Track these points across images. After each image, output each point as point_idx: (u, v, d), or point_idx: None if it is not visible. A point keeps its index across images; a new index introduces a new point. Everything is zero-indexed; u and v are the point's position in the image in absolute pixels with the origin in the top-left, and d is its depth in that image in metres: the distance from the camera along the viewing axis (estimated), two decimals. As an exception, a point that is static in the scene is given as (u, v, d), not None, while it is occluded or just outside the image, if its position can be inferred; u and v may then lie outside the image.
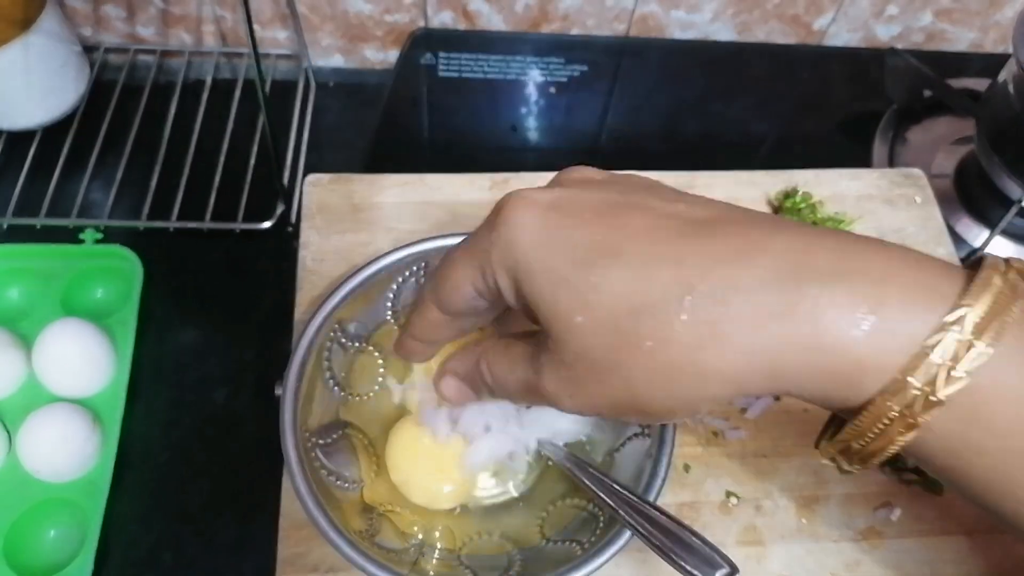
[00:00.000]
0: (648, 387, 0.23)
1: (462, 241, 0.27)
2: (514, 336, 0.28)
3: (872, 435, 0.22)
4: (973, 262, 0.23)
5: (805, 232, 0.23)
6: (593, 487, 0.34)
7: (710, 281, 0.22)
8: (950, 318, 0.21)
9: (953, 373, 0.21)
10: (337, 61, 0.62)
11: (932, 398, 0.21)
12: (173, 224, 0.51)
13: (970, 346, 0.20)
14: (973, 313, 0.21)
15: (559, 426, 0.39)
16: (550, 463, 0.39)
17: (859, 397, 0.22)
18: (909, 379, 0.21)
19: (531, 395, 0.27)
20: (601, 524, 0.35)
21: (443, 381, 0.32)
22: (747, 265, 0.22)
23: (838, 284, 0.21)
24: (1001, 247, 0.53)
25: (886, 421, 0.21)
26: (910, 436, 0.22)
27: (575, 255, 0.23)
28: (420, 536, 0.36)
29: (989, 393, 0.21)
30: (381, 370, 0.41)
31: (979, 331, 0.21)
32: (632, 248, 0.23)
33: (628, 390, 0.23)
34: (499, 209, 0.25)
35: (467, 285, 0.27)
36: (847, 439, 0.23)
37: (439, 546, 0.36)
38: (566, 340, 0.24)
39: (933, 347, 0.21)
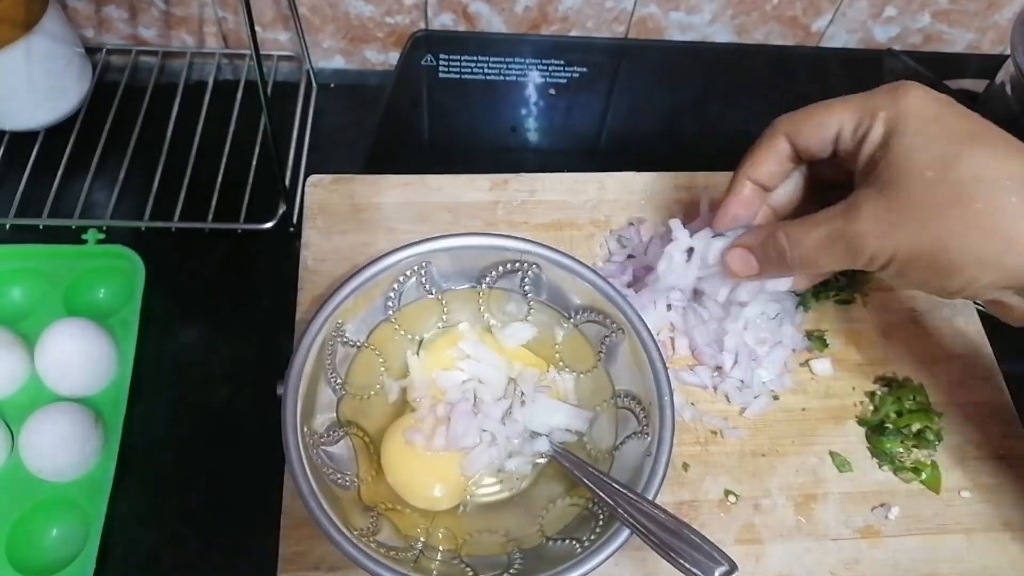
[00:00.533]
0: (959, 237, 0.30)
1: (840, 99, 0.34)
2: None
3: None
4: None
5: None
6: (592, 486, 0.35)
7: None
8: None
9: None
10: (338, 62, 0.63)
11: None
12: (175, 224, 0.51)
13: None
14: None
15: (554, 423, 0.39)
16: (546, 460, 0.39)
17: None
18: None
19: (835, 243, 0.33)
20: (600, 522, 0.35)
21: (731, 253, 0.37)
22: None
23: None
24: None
25: None
26: None
27: (951, 131, 0.31)
28: (422, 539, 0.36)
29: None
30: (382, 369, 0.41)
31: None
32: (998, 141, 0.31)
33: (941, 238, 0.30)
34: (893, 86, 0.33)
35: (834, 126, 0.34)
36: None
37: (440, 547, 0.37)
38: (910, 186, 0.31)
39: None
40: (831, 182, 0.37)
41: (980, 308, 0.46)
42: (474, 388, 0.39)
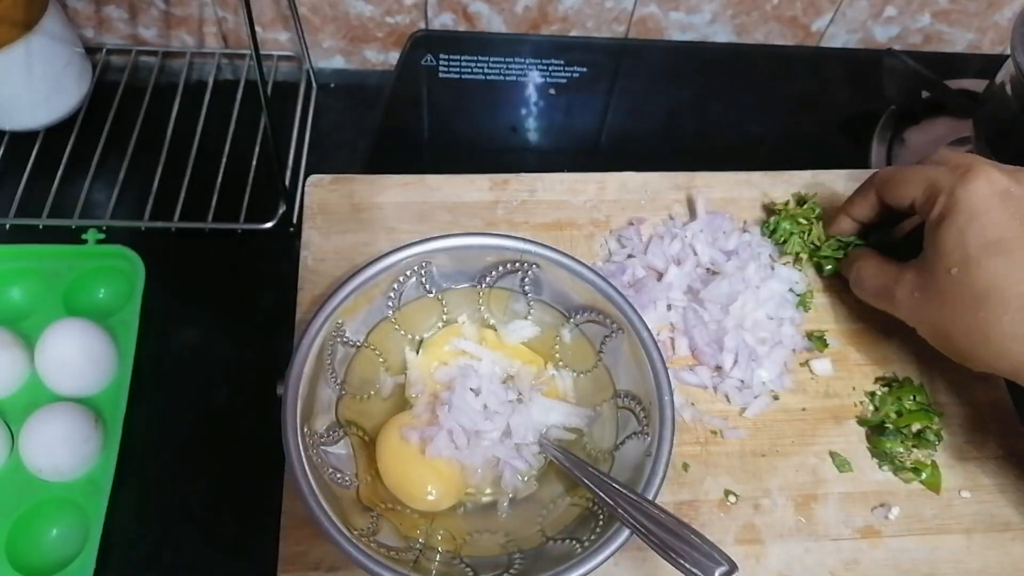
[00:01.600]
0: (963, 338, 0.35)
1: (924, 166, 0.38)
2: (884, 257, 0.41)
3: None
4: None
5: None
6: (592, 486, 0.35)
7: None
8: None
9: None
10: (338, 62, 0.63)
11: None
12: (175, 224, 0.51)
13: None
14: None
15: (551, 421, 0.39)
16: (546, 462, 0.39)
17: None
18: None
19: (881, 296, 0.39)
20: (601, 522, 0.35)
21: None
22: None
23: None
24: (999, 247, 0.54)
25: None
26: None
27: (985, 236, 0.34)
28: (421, 541, 0.36)
29: None
30: (382, 369, 0.41)
31: None
32: (1017, 261, 0.33)
33: (951, 334, 0.35)
34: (968, 167, 0.35)
35: (909, 196, 0.38)
36: None
37: (440, 548, 0.36)
38: (938, 277, 0.35)
39: None
40: None
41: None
42: (469, 384, 0.39)
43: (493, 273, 0.41)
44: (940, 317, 0.35)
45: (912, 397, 0.42)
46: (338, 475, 0.37)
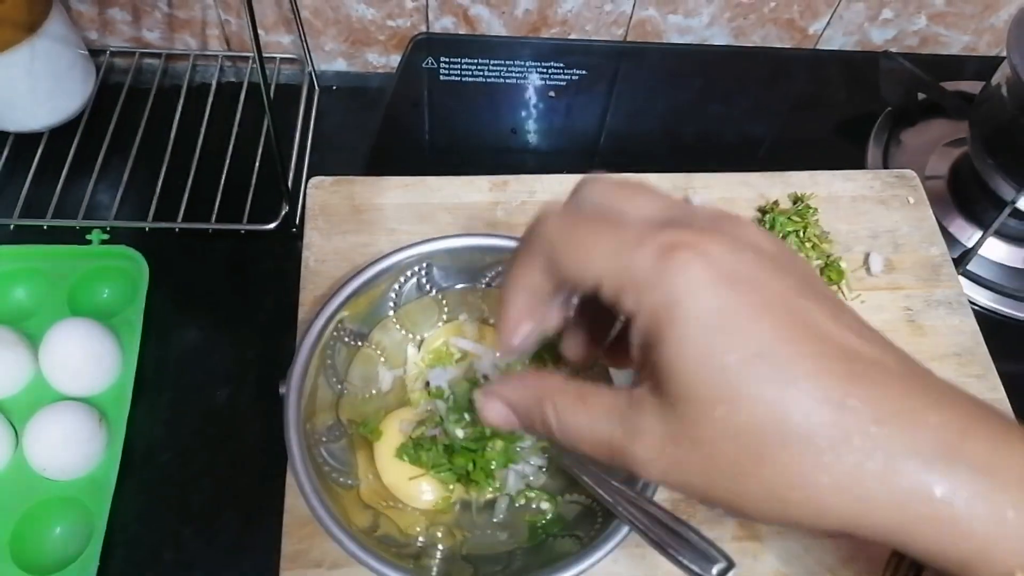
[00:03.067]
0: (759, 498, 0.22)
1: (612, 223, 0.24)
2: (586, 382, 0.25)
3: None
4: None
5: (962, 411, 0.23)
6: (592, 483, 0.35)
7: (864, 437, 0.21)
8: None
9: None
10: (340, 65, 0.63)
11: None
12: (179, 225, 0.51)
13: None
14: None
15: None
16: (549, 459, 0.39)
17: None
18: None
19: (611, 454, 0.24)
20: (600, 519, 0.35)
21: (488, 403, 0.27)
22: (902, 432, 0.21)
23: (987, 479, 0.21)
24: (994, 248, 0.54)
25: None
26: None
27: (743, 351, 0.21)
28: (422, 539, 0.37)
29: None
30: (382, 366, 0.41)
31: None
32: (801, 375, 0.21)
33: (737, 492, 0.22)
34: (673, 244, 0.22)
35: (591, 268, 0.23)
36: None
37: (440, 546, 0.37)
38: (696, 421, 0.22)
39: None
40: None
41: (975, 307, 0.46)
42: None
43: (493, 273, 0.42)
44: (716, 477, 0.23)
45: None
46: (339, 474, 0.37)
